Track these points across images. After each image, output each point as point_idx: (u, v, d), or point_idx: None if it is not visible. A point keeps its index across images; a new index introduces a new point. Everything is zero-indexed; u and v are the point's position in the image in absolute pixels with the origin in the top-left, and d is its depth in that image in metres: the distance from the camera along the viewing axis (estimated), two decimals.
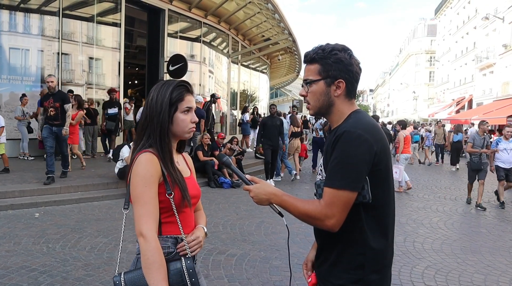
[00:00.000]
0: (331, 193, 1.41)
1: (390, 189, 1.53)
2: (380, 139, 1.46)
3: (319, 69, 1.52)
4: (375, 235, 1.47)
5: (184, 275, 1.54)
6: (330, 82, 1.51)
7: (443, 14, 47.56)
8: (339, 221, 1.42)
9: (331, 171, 1.43)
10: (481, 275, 4.27)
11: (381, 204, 1.49)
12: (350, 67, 1.50)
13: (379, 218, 1.49)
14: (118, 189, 7.54)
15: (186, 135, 1.67)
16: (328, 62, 1.50)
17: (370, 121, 1.51)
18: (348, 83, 1.52)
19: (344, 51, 1.51)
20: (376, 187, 1.44)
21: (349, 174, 1.39)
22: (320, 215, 1.42)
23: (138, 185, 1.50)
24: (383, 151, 1.45)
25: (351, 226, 1.45)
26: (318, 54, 1.52)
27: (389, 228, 1.53)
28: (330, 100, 1.53)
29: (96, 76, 12.95)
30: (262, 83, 28.12)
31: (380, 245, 1.48)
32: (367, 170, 1.41)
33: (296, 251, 4.70)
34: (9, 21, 10.49)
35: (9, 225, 5.32)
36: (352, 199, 1.40)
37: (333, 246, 1.52)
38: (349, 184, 1.39)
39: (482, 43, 32.61)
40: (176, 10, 14.85)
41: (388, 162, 1.50)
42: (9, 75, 10.42)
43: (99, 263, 4.13)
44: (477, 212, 7.35)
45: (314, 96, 1.55)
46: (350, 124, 1.46)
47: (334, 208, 1.40)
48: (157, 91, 1.63)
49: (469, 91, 36.20)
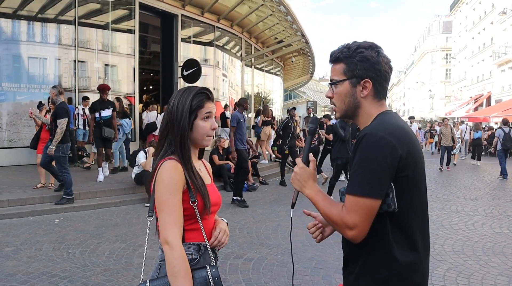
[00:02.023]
0: (352, 200, 1.31)
1: (421, 197, 1.40)
2: (408, 142, 1.34)
3: (344, 69, 1.44)
4: (401, 247, 1.34)
5: (209, 283, 1.53)
6: (356, 82, 1.43)
7: (458, 10, 46.82)
8: (361, 232, 1.31)
9: (352, 177, 1.34)
10: (505, 277, 4.15)
11: (409, 214, 1.36)
12: (377, 65, 1.41)
13: (406, 230, 1.36)
14: (135, 194, 7.62)
15: (205, 143, 1.67)
16: (353, 61, 1.42)
17: (396, 122, 1.39)
18: (375, 83, 1.42)
19: (371, 49, 1.42)
20: (402, 195, 1.33)
21: (370, 179, 1.29)
22: (341, 222, 1.33)
23: (163, 193, 1.50)
24: (410, 155, 1.33)
25: (375, 237, 1.34)
26: (343, 53, 1.45)
27: (419, 241, 1.38)
28: (356, 101, 1.45)
29: (112, 83, 13.11)
30: (276, 86, 28.09)
31: (407, 258, 1.34)
32: (391, 176, 1.30)
33: (314, 255, 4.67)
34: (27, 31, 10.73)
35: (30, 231, 5.42)
36: (375, 207, 1.29)
37: (357, 258, 1.41)
38: (371, 191, 1.28)
39: (500, 39, 31.97)
40: (188, 15, 14.98)
41: (418, 168, 1.38)
42: (28, 83, 10.65)
43: (118, 268, 4.17)
44: (499, 212, 7.17)
45: (339, 98, 1.47)
46: (372, 126, 1.37)
47: (355, 216, 1.30)
48: (178, 98, 1.64)
49: (487, 88, 35.51)
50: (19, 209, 6.27)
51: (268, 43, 22.08)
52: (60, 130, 6.40)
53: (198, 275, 1.53)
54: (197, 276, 1.52)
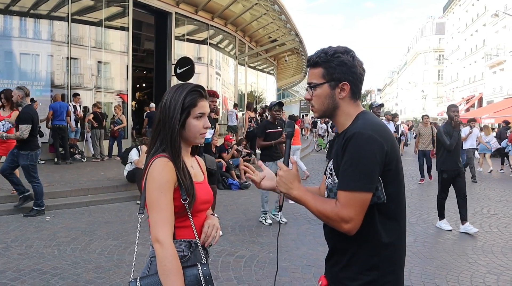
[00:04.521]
0: (347, 195, 1.40)
1: (402, 188, 1.52)
2: (389, 138, 1.46)
3: (323, 73, 1.52)
4: (389, 235, 1.46)
5: (201, 281, 1.54)
6: (335, 85, 1.52)
7: (451, 12, 47.17)
8: (356, 224, 1.41)
9: (344, 174, 1.42)
10: (494, 276, 4.21)
11: (394, 204, 1.48)
12: (353, 68, 1.51)
13: (392, 218, 1.48)
14: (127, 192, 7.59)
15: (197, 141, 1.67)
16: (332, 65, 1.51)
17: (378, 121, 1.52)
18: (352, 85, 1.52)
19: (346, 53, 1.51)
20: (388, 187, 1.44)
21: (363, 175, 1.38)
22: (337, 217, 1.41)
23: (154, 190, 1.50)
24: (392, 150, 1.44)
25: (365, 228, 1.43)
26: (321, 57, 1.53)
27: (402, 229, 1.53)
28: (335, 102, 1.54)
29: (104, 80, 13.06)
30: (269, 84, 28.14)
31: (394, 245, 1.48)
32: (379, 171, 1.41)
33: (306, 252, 4.69)
34: (19, 27, 10.63)
35: (21, 229, 5.38)
36: (368, 200, 1.40)
37: (345, 248, 1.50)
38: (364, 185, 1.38)
39: (492, 40, 32.29)
40: (183, 13, 14.94)
41: (398, 161, 1.49)
42: (20, 80, 10.54)
43: (110, 266, 4.16)
44: (489, 212, 7.26)
45: (319, 100, 1.56)
46: (359, 125, 1.46)
47: (351, 210, 1.39)
48: (171, 95, 1.63)
49: (479, 89, 35.85)
50: (9, 206, 6.22)
51: (262, 42, 22.10)
52: (20, 136, 5.73)
53: (189, 273, 1.53)
54: (188, 274, 1.53)
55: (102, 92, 12.97)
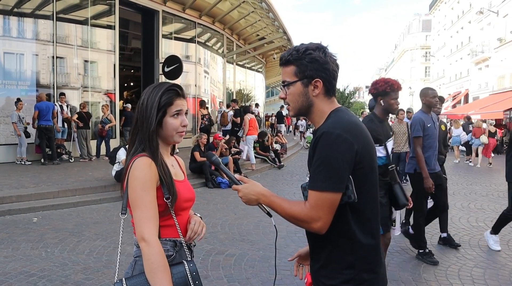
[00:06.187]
0: (315, 195, 1.41)
1: (375, 187, 1.52)
2: (361, 136, 1.45)
3: (295, 71, 1.52)
4: (363, 233, 1.46)
5: (188, 278, 1.54)
6: (307, 83, 1.51)
7: (437, 9, 47.66)
8: (325, 223, 1.41)
9: (313, 174, 1.43)
10: (481, 269, 4.28)
11: (367, 203, 1.48)
12: (326, 65, 1.49)
13: (365, 217, 1.48)
14: (115, 192, 7.52)
15: (175, 139, 1.67)
16: (303, 62, 1.50)
17: (350, 119, 1.50)
18: (325, 82, 1.51)
19: (318, 49, 1.50)
20: (360, 186, 1.44)
21: (331, 175, 1.38)
22: (306, 217, 1.42)
23: (137, 189, 1.50)
24: (365, 148, 1.44)
25: (339, 227, 1.45)
26: (292, 55, 1.52)
27: (376, 226, 1.53)
28: (309, 100, 1.53)
29: (91, 79, 12.92)
30: (258, 82, 28.13)
31: (369, 243, 1.48)
32: (349, 170, 1.40)
33: (295, 250, 4.70)
34: (3, 26, 10.44)
35: (7, 231, 5.30)
36: (336, 200, 1.40)
37: (322, 247, 1.51)
38: (332, 186, 1.38)
39: (477, 38, 32.70)
40: (170, 11, 14.84)
41: (372, 160, 1.49)
42: (4, 80, 10.38)
43: (98, 267, 4.12)
44: (475, 207, 7.36)
45: (293, 98, 1.55)
46: (328, 124, 1.46)
47: (319, 210, 1.40)
48: (148, 95, 1.64)
49: (465, 85, 36.30)
50: None
51: (250, 40, 22.08)
52: None
53: (176, 270, 1.53)
54: (175, 271, 1.52)
55: (89, 91, 12.82)
